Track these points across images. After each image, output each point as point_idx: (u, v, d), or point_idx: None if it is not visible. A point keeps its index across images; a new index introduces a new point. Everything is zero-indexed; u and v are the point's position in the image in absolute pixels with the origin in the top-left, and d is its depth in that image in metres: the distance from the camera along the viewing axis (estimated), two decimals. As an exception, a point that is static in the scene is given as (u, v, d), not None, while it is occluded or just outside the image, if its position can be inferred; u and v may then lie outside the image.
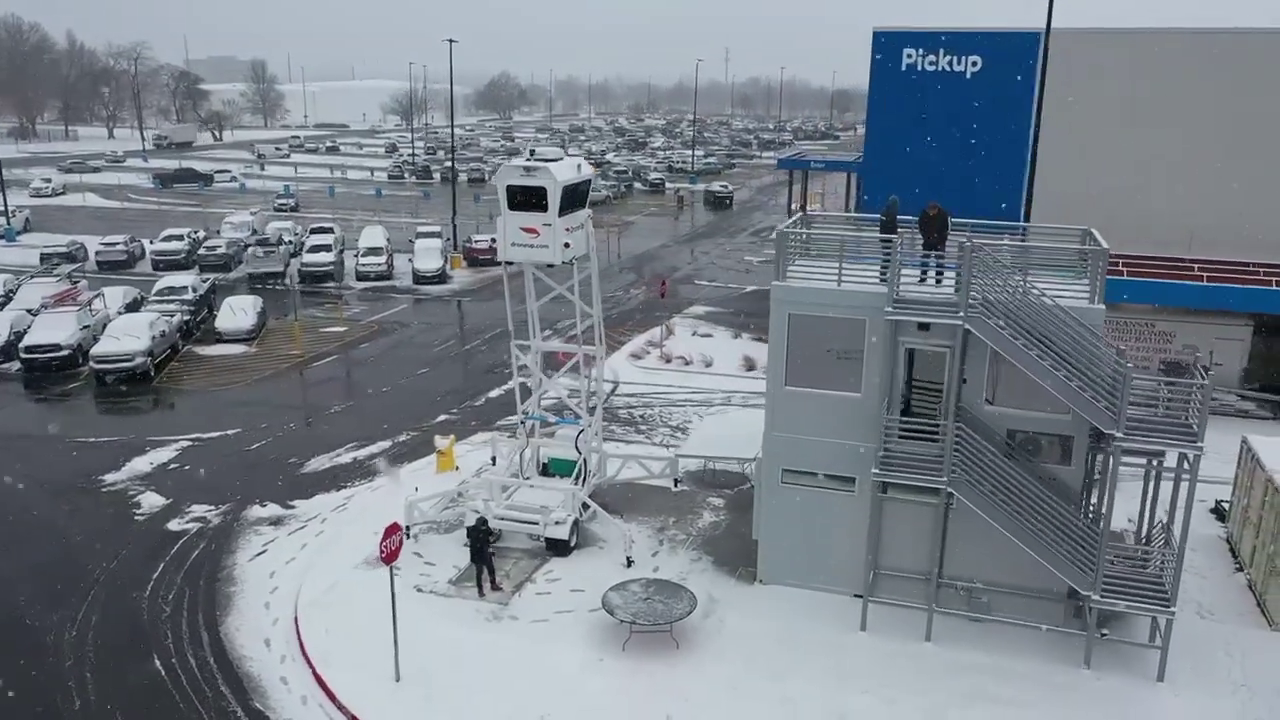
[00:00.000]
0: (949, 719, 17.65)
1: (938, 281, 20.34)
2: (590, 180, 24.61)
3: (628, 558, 22.70)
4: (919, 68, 39.58)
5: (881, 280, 20.44)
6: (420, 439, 31.42)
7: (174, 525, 25.59)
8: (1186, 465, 18.09)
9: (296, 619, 20.82)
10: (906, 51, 39.62)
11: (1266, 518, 21.81)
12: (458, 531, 24.29)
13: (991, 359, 19.12)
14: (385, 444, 31.11)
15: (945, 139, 39.59)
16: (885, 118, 40.58)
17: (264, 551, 24.13)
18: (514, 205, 22.61)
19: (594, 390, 26.11)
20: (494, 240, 61.41)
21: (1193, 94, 36.17)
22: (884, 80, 40.26)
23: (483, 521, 21.47)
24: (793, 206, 76.35)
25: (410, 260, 57.27)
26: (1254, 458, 23.17)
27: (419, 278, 55.34)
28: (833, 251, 20.89)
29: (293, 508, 26.60)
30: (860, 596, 21.10)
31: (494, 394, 36.04)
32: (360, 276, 55.06)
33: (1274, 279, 33.32)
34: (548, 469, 26.12)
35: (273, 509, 26.50)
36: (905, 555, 20.58)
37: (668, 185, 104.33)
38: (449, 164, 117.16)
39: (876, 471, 19.21)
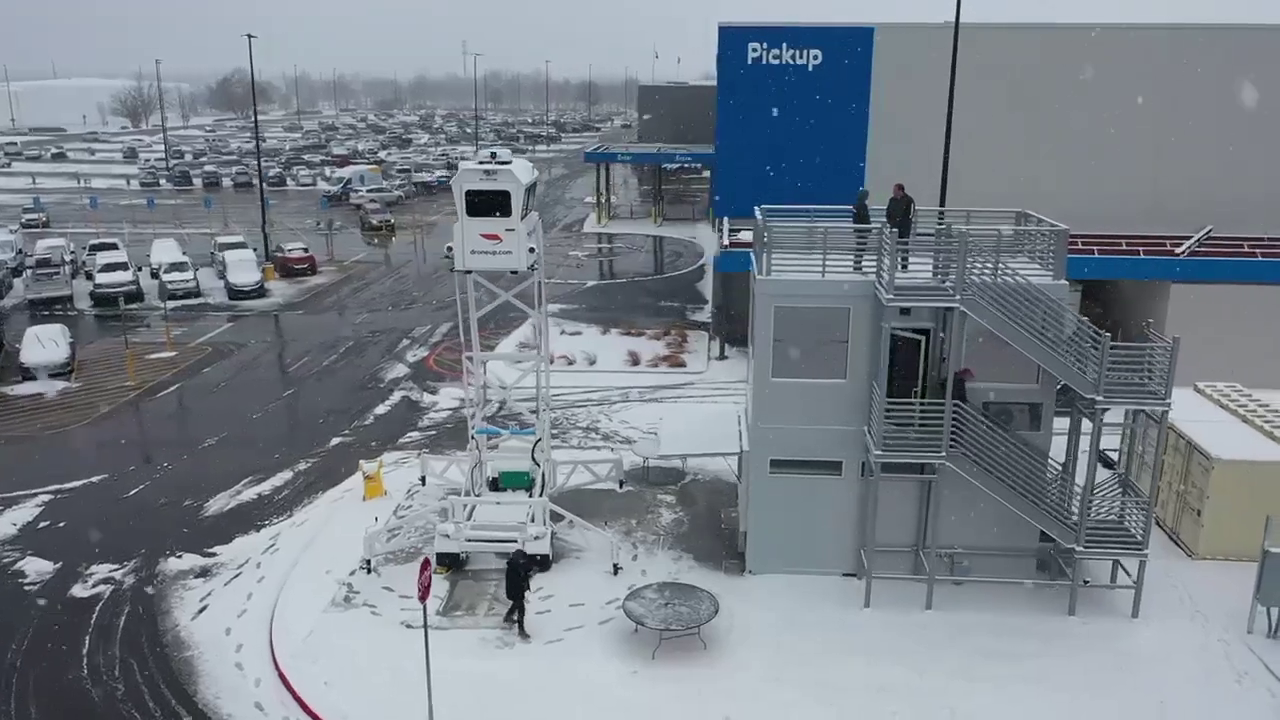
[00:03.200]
0: (976, 677, 18.66)
1: (904, 267, 21.23)
2: (538, 180, 23.83)
3: (615, 565, 22.27)
4: (764, 61, 41.08)
5: (855, 269, 21.22)
6: (323, 466, 29.29)
7: (79, 591, 22.47)
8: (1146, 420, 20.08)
9: (283, 676, 18.92)
10: (751, 46, 40.97)
11: (1172, 461, 24.49)
12: (420, 559, 22.90)
13: (970, 338, 20.28)
14: (286, 474, 28.71)
15: (791, 128, 41.40)
16: (734, 109, 41.85)
17: (205, 607, 21.69)
18: (473, 211, 21.51)
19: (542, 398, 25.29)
20: (305, 249, 58.32)
21: (1017, 83, 39.76)
22: (731, 74, 41.53)
23: (521, 554, 20.22)
24: (602, 199, 77.20)
25: (222, 275, 52.91)
26: (1150, 408, 25.89)
27: (235, 293, 51.20)
28: (799, 245, 21.42)
29: (215, 555, 24.06)
30: (850, 575, 21.97)
31: (380, 411, 34.09)
32: (167, 295, 50.12)
33: (1095, 248, 37.34)
34: (498, 483, 25.11)
35: (192, 559, 23.85)
36: (892, 531, 21.42)
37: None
38: (210, 169, 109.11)
39: (879, 453, 19.92)
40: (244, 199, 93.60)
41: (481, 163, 21.87)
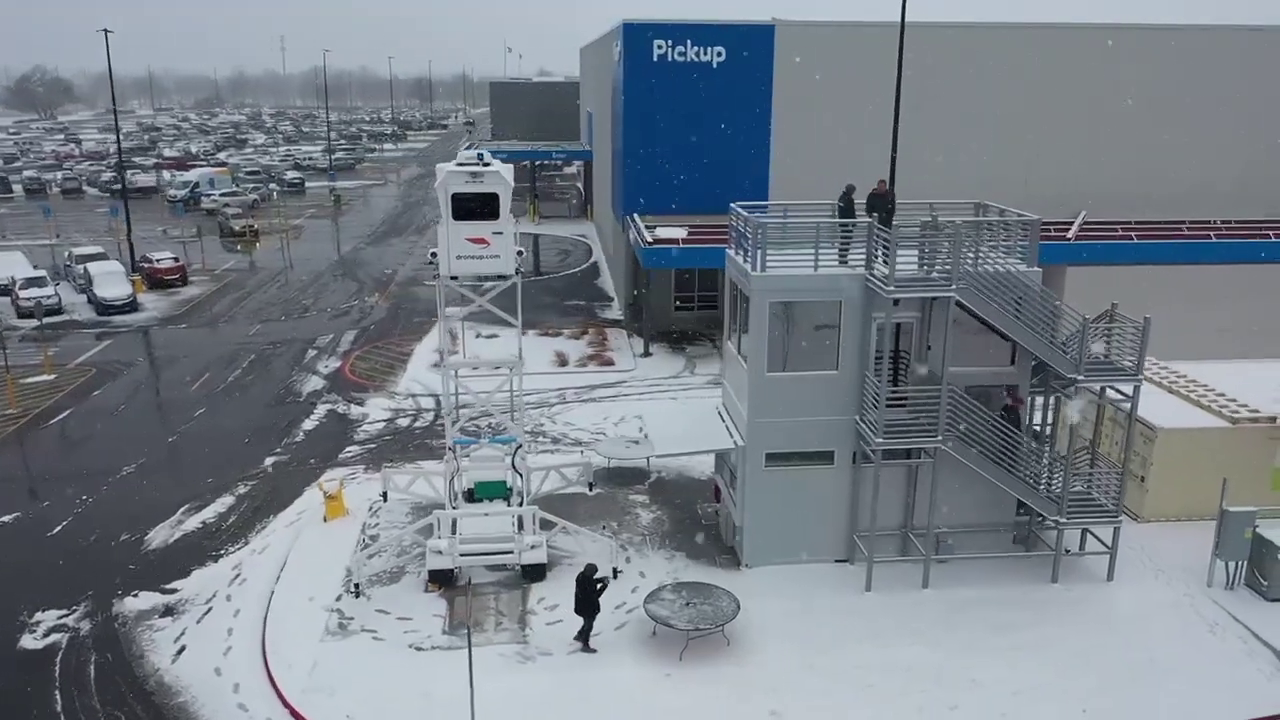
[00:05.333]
0: (985, 649, 19.50)
1: (884, 260, 21.76)
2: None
3: (614, 569, 22.01)
4: (669, 58, 41.40)
5: (841, 262, 21.72)
6: (264, 488, 27.67)
7: (30, 643, 20.44)
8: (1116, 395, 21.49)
9: (298, 715, 17.81)
10: (657, 43, 41.23)
11: (1110, 432, 26.21)
12: (406, 579, 22.08)
13: (952, 324, 21.09)
14: (227, 500, 26.96)
15: (697, 124, 41.93)
16: (640, 106, 41.96)
17: (184, 648, 20.13)
18: (459, 214, 20.76)
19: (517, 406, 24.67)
20: (175, 259, 54.58)
21: (905, 78, 41.43)
22: (636, 71, 41.61)
23: (593, 569, 19.50)
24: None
25: (84, 289, 49.06)
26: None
27: (105, 308, 47.52)
28: (794, 240, 21.77)
29: (175, 591, 22.37)
30: (842, 561, 22.56)
31: (308, 427, 32.41)
32: (26, 313, 45.96)
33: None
34: (473, 494, 24.37)
35: (150, 598, 22.08)
36: (882, 515, 21.99)
37: (307, 185, 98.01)
38: (31, 174, 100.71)
39: (880, 440, 20.48)
40: (77, 206, 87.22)
41: (460, 164, 21.13)
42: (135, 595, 22.17)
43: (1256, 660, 19.43)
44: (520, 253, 21.68)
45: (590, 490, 26.17)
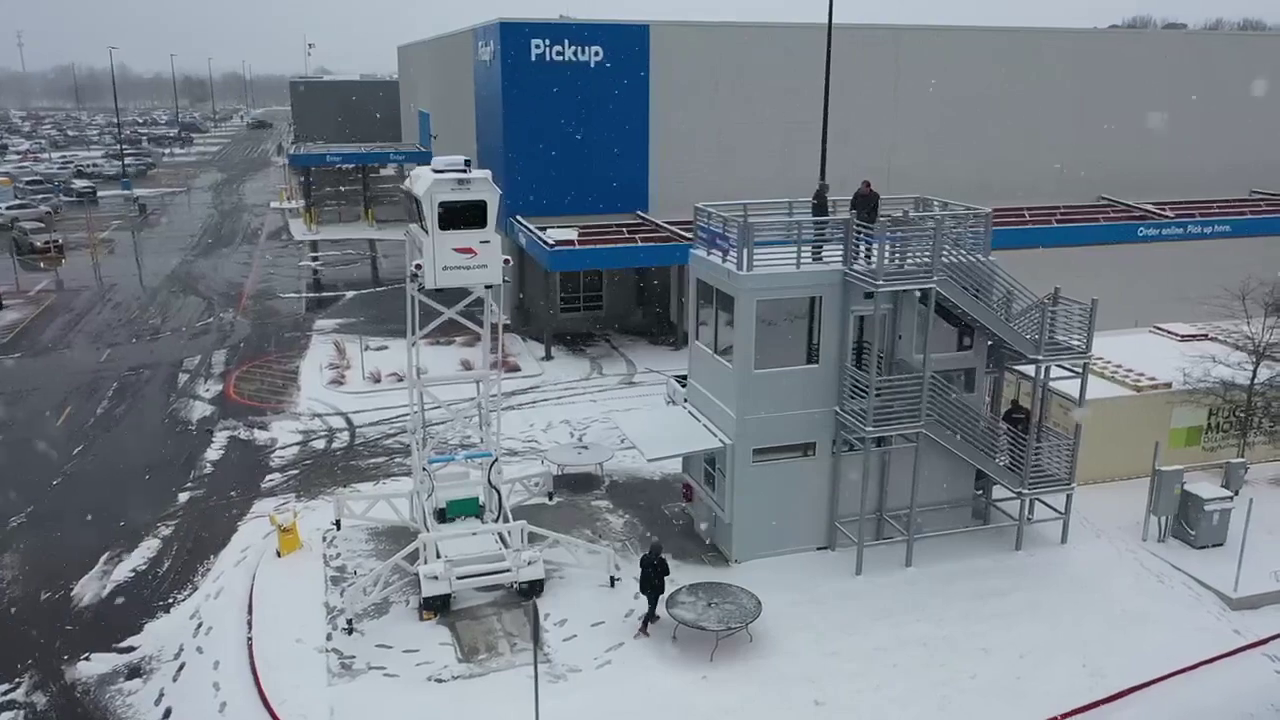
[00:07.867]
0: (982, 617, 20.69)
1: (866, 256, 22.47)
2: None
3: (611, 577, 21.76)
4: (548, 58, 41.12)
5: (815, 259, 22.35)
6: (190, 527, 25.45)
7: (-21, 724, 18.03)
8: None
9: (331, 766, 16.64)
10: (534, 42, 40.88)
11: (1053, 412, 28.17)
12: (396, 609, 20.96)
13: (920, 314, 22.17)
14: (153, 543, 24.57)
15: (578, 124, 41.93)
16: (520, 106, 41.37)
17: (169, 710, 18.27)
18: (446, 224, 19.85)
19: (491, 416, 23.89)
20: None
21: (773, 77, 42.97)
22: (515, 71, 41.12)
23: (658, 548, 19.68)
24: (312, 204, 72.14)
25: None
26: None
27: (-85, 340, 42.04)
28: (778, 238, 22.21)
29: (133, 648, 20.23)
30: (823, 549, 23.29)
31: (213, 457, 29.93)
32: None
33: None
34: (444, 513, 23.36)
35: (107, 659, 19.86)
36: (857, 501, 22.82)
37: (99, 194, 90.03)
38: None
39: (871, 429, 21.25)
40: None
41: (441, 171, 20.24)
42: (87, 658, 19.89)
43: (1205, 603, 21.58)
44: (507, 261, 20.99)
45: (550, 500, 25.76)
